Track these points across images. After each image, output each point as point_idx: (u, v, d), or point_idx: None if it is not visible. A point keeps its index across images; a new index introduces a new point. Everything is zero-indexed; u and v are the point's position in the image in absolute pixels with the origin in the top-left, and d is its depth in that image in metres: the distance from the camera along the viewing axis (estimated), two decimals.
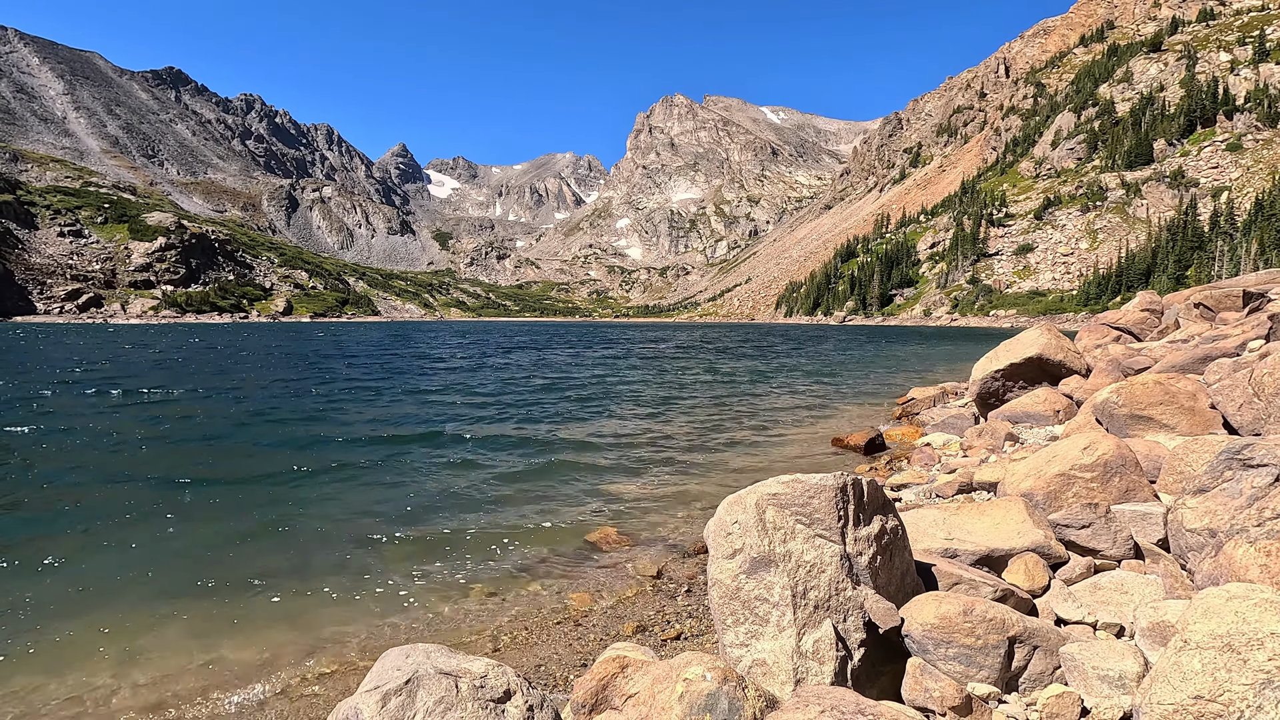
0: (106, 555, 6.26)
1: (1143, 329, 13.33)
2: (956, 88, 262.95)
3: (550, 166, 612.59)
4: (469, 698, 2.76)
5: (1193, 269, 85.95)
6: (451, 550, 6.50)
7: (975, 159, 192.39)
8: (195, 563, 6.13)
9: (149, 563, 6.09)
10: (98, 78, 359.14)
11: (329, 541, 6.72)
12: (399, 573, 5.95)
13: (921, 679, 2.99)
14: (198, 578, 5.80)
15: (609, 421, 14.33)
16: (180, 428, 12.90)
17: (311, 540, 6.75)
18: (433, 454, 10.80)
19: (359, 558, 6.30)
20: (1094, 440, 4.89)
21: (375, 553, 6.43)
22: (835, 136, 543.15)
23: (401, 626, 5.05)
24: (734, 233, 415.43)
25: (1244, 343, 8.06)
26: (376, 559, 6.28)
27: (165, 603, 5.33)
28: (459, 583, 5.80)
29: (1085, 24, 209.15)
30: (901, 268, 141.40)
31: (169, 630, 4.93)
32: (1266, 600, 2.22)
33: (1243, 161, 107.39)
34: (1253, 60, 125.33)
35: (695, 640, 4.77)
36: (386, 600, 5.46)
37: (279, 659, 4.56)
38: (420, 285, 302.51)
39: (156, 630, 4.92)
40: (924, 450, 9.33)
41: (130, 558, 6.21)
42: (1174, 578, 3.65)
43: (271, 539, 6.78)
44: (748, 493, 3.49)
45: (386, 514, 7.59)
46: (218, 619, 5.09)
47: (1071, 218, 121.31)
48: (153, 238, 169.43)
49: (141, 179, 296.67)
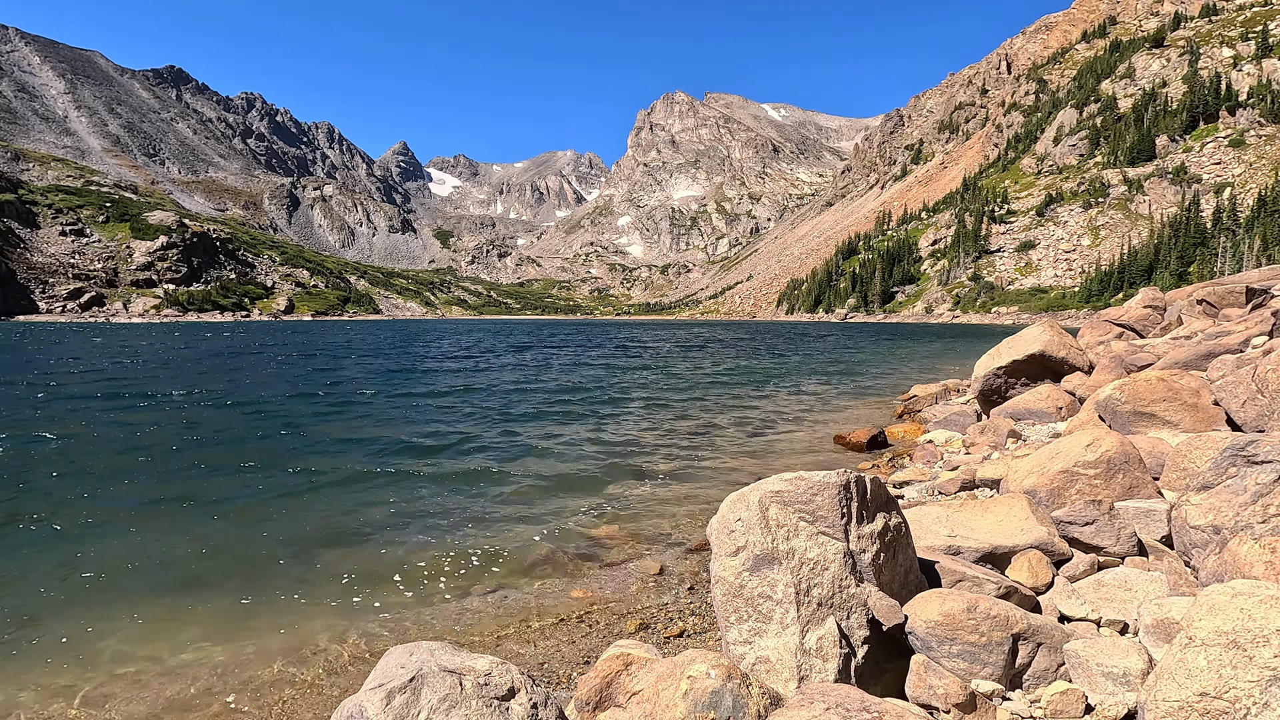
0: (113, 550, 6.27)
1: (1145, 326, 13.31)
2: (958, 84, 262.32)
3: (551, 164, 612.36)
4: (473, 695, 2.76)
5: (1195, 265, 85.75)
6: (454, 547, 6.51)
7: (977, 156, 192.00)
8: (197, 560, 6.15)
9: (152, 561, 6.11)
10: (99, 77, 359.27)
11: (331, 538, 6.72)
12: (402, 569, 5.96)
13: (925, 676, 2.98)
14: (200, 575, 5.82)
15: (610, 419, 14.33)
16: (188, 430, 12.93)
17: (314, 537, 6.75)
18: (436, 451, 10.81)
19: (361, 554, 6.31)
20: (1097, 437, 4.88)
21: (378, 549, 6.44)
22: (836, 133, 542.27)
23: (405, 624, 5.06)
24: (735, 230, 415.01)
25: (1247, 339, 8.03)
26: (379, 555, 6.28)
27: (168, 602, 5.34)
28: (462, 580, 5.81)
29: (1087, 19, 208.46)
30: (903, 265, 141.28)
31: (168, 631, 4.93)
32: (1272, 597, 2.22)
33: (1245, 158, 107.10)
34: (1255, 56, 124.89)
35: (699, 638, 4.77)
36: (389, 597, 5.46)
37: (281, 656, 4.57)
38: (421, 283, 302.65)
39: (154, 633, 4.93)
40: (926, 447, 9.33)
41: (135, 555, 6.22)
42: (1178, 574, 3.64)
43: (274, 536, 6.79)
44: (750, 490, 3.49)
45: (389, 510, 7.60)
46: (218, 618, 5.10)
47: (1073, 214, 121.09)
48: (154, 236, 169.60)
49: (143, 178, 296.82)
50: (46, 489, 8.34)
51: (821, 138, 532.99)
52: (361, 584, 5.69)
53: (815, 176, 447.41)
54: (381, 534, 6.88)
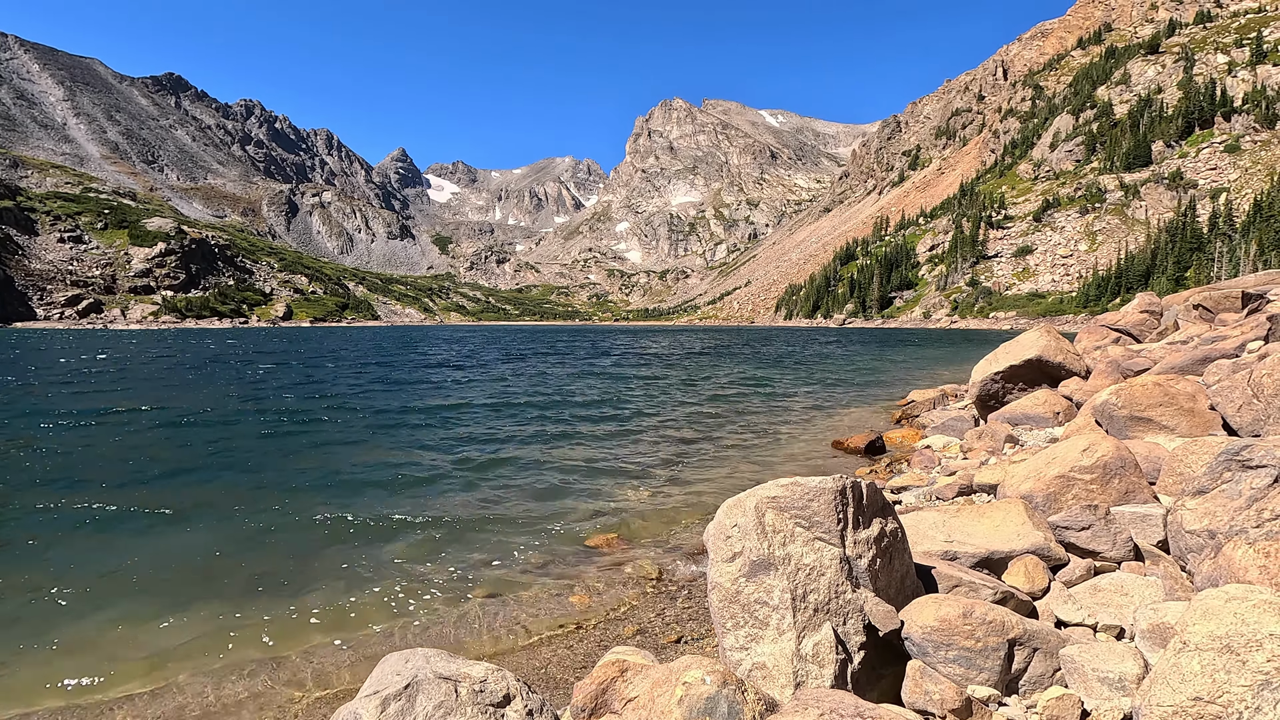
0: (113, 557, 6.25)
1: (1142, 330, 13.34)
2: (955, 90, 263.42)
3: (549, 170, 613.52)
4: (468, 702, 2.76)
5: (1192, 270, 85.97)
6: (452, 553, 6.50)
7: (974, 161, 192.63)
8: (193, 566, 6.13)
9: (151, 567, 6.09)
10: (98, 84, 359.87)
11: (328, 545, 6.71)
12: (399, 576, 5.95)
13: (921, 681, 2.98)
14: (196, 582, 5.80)
15: (608, 425, 14.33)
16: (200, 436, 12.90)
17: (311, 544, 6.74)
18: (433, 459, 10.80)
19: (358, 561, 6.29)
20: (1093, 442, 4.89)
21: (374, 556, 6.42)
22: (834, 139, 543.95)
23: (401, 630, 5.05)
24: (733, 236, 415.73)
25: (1243, 344, 8.06)
26: (376, 562, 6.27)
27: (159, 606, 5.32)
28: (459, 586, 5.80)
29: (1083, 26, 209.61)
30: (901, 270, 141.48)
31: (164, 636, 4.92)
32: (1265, 601, 2.22)
33: (1241, 163, 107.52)
34: (1250, 62, 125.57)
35: (697, 644, 4.76)
36: (386, 604, 5.45)
37: (276, 663, 4.55)
38: (420, 289, 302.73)
39: (149, 637, 4.91)
40: (924, 452, 9.33)
41: (137, 560, 6.20)
42: (1174, 579, 3.65)
43: (271, 542, 6.77)
44: (747, 496, 3.49)
45: (386, 517, 7.59)
46: (214, 623, 5.08)
47: (1070, 219, 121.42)
48: (153, 243, 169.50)
49: (141, 184, 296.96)
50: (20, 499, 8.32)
51: (819, 144, 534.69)
52: (357, 591, 5.68)
53: (813, 182, 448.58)
54: (377, 539, 6.86)
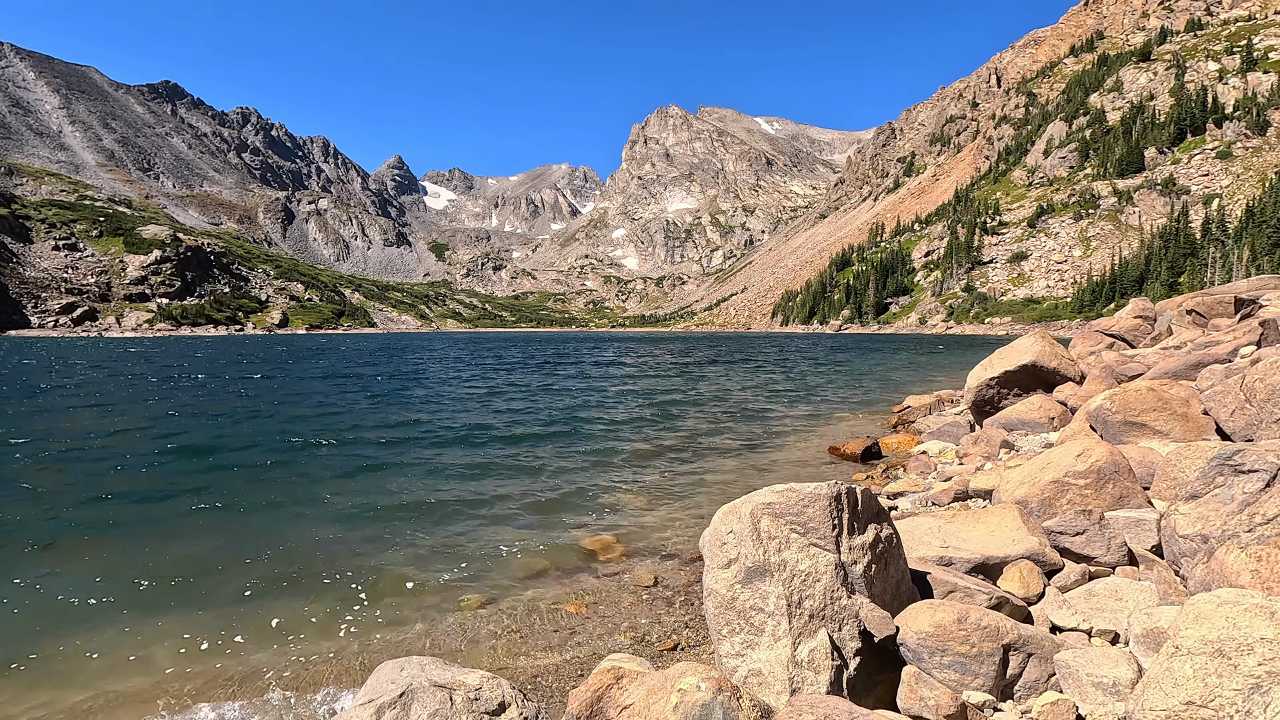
0: (109, 568, 6.22)
1: (1136, 335, 13.40)
2: (949, 98, 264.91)
3: (546, 177, 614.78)
4: (463, 710, 2.75)
5: (1185, 276, 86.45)
6: (446, 561, 6.48)
7: (968, 168, 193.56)
8: (184, 574, 6.10)
9: (132, 580, 6.06)
10: (94, 92, 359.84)
11: (321, 552, 6.68)
12: (393, 584, 5.93)
13: (917, 687, 2.99)
14: (187, 589, 5.77)
15: (604, 432, 14.32)
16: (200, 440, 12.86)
17: (304, 551, 6.71)
18: (429, 466, 10.77)
19: (352, 569, 6.27)
20: (1088, 447, 4.91)
21: (369, 564, 6.40)
22: (829, 146, 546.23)
23: (396, 638, 5.03)
24: (729, 242, 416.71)
25: (1236, 349, 8.11)
26: (370, 570, 6.25)
27: (153, 617, 5.29)
28: (454, 594, 5.78)
29: (1075, 34, 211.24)
30: (896, 276, 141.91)
31: (161, 643, 4.89)
32: (1256, 605, 2.23)
33: (1233, 169, 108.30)
34: (1241, 69, 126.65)
35: (693, 651, 4.75)
36: (380, 612, 5.43)
37: (271, 671, 4.53)
38: (417, 297, 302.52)
39: (145, 642, 4.89)
40: (920, 458, 9.34)
41: (128, 569, 6.17)
42: (1168, 584, 3.66)
43: (265, 549, 6.74)
44: (743, 502, 3.50)
45: (380, 524, 7.57)
46: (207, 630, 5.06)
47: (1064, 225, 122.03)
48: (148, 251, 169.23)
49: (137, 192, 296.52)
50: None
51: (814, 150, 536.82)
52: (351, 601, 5.66)
53: (809, 189, 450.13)
54: (371, 546, 6.84)
